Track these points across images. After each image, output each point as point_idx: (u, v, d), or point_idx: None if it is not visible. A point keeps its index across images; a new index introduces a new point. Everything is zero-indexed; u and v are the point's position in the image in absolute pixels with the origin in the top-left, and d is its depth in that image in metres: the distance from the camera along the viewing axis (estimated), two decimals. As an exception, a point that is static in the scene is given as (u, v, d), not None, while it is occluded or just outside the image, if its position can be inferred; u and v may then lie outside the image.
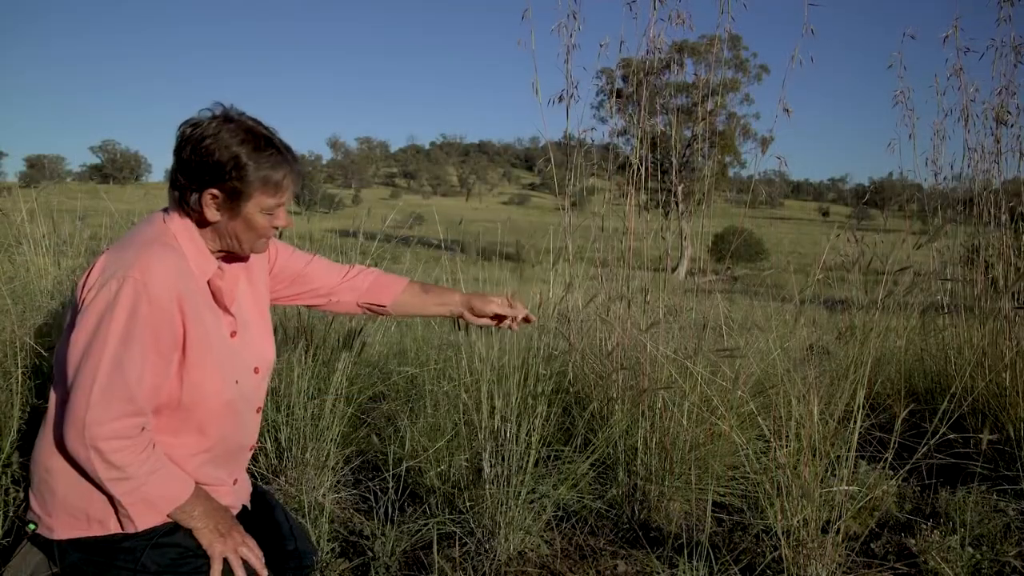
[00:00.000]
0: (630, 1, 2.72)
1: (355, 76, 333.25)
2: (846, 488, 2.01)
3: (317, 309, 1.87)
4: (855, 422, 2.04)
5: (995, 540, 2.21)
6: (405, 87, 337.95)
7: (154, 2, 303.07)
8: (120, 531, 1.35)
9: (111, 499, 1.33)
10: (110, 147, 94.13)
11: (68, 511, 1.35)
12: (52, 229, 3.17)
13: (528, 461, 2.23)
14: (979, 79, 3.24)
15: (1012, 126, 3.18)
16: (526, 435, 2.24)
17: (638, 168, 2.81)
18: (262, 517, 1.62)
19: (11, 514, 1.89)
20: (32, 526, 1.39)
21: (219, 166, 1.36)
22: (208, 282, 1.43)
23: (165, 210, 1.45)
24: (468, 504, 2.25)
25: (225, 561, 1.38)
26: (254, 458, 2.31)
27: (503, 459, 2.20)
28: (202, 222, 1.42)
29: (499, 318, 1.84)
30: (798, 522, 1.98)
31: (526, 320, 1.85)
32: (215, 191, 1.38)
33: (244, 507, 1.60)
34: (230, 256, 1.50)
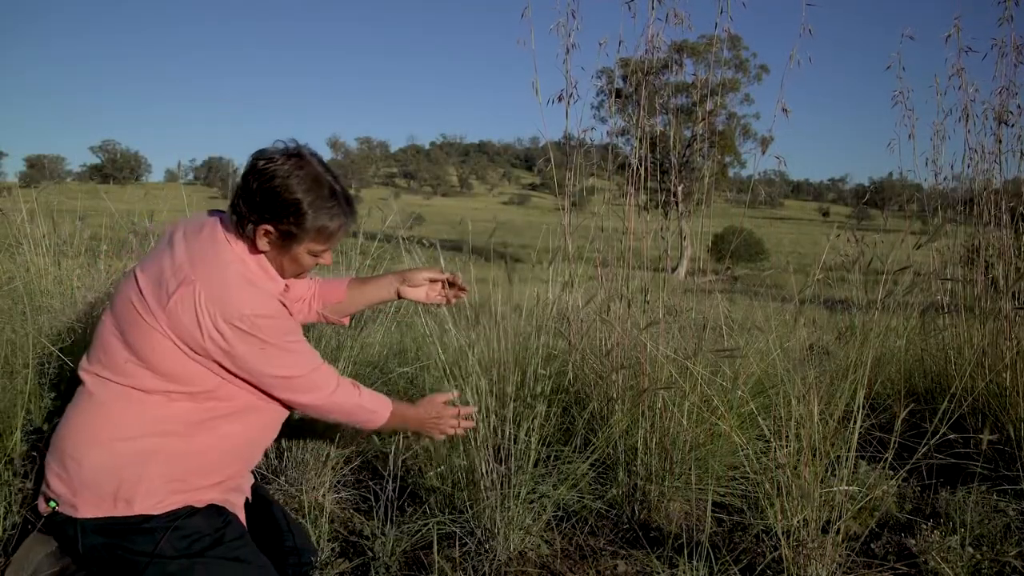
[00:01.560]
0: (628, 0, 2.72)
1: (355, 76, 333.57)
2: (846, 488, 2.01)
3: None
4: (855, 422, 2.04)
5: (995, 540, 2.20)
6: (405, 87, 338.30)
7: (154, 2, 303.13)
8: (144, 512, 1.38)
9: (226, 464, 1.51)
10: (110, 147, 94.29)
11: (94, 490, 1.38)
12: (52, 229, 3.16)
13: (528, 461, 2.23)
14: (979, 79, 3.23)
15: (1013, 126, 3.17)
16: (526, 435, 2.24)
17: (638, 168, 2.80)
18: (260, 514, 1.64)
19: (15, 509, 1.89)
20: (53, 504, 1.41)
21: (280, 208, 1.43)
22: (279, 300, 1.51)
23: (221, 221, 1.50)
24: (468, 504, 2.25)
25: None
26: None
27: (503, 459, 2.20)
28: (253, 248, 1.49)
29: (438, 302, 1.94)
30: (798, 522, 1.98)
31: (457, 287, 1.93)
32: (269, 227, 1.44)
33: (246, 499, 1.62)
34: None
